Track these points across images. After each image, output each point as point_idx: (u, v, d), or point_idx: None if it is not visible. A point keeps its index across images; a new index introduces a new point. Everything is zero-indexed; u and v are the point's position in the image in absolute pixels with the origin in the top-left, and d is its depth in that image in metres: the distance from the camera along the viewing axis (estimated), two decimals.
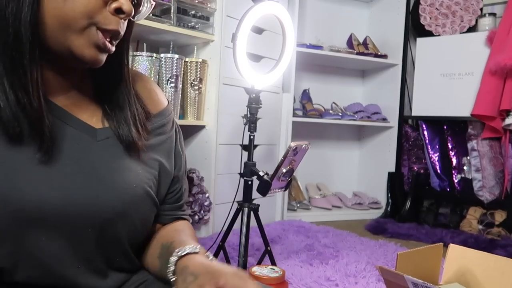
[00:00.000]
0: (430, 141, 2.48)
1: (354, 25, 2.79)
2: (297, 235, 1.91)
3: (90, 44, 0.52)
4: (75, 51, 0.51)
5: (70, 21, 0.49)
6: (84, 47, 0.51)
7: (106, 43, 0.53)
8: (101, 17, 0.51)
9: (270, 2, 1.35)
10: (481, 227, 2.14)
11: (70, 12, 0.49)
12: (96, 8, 0.50)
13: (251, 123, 1.39)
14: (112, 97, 0.60)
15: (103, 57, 0.54)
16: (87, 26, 0.51)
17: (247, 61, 1.34)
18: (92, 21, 0.51)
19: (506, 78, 2.08)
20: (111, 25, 0.52)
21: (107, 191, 0.55)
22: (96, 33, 0.51)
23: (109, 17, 0.52)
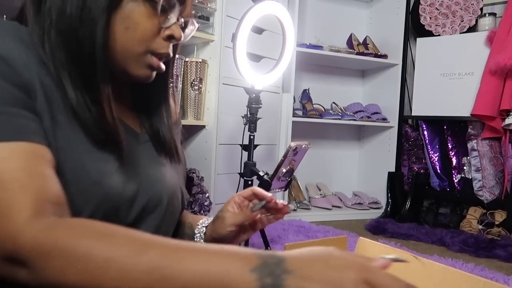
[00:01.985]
0: (430, 141, 2.48)
1: (354, 25, 2.79)
2: (297, 235, 1.91)
3: (145, 66, 0.58)
4: (131, 72, 0.57)
5: (129, 47, 0.55)
6: (139, 69, 0.58)
7: (160, 64, 0.59)
8: (155, 44, 0.57)
9: (270, 2, 1.35)
10: (481, 227, 2.14)
11: (130, 39, 0.54)
12: (152, 36, 0.56)
13: (251, 123, 1.39)
14: (151, 105, 0.66)
15: (154, 75, 0.60)
16: (144, 52, 0.56)
17: (247, 61, 1.35)
18: (147, 48, 0.56)
19: (506, 78, 2.08)
20: (163, 49, 0.58)
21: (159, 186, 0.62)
22: (150, 57, 0.57)
23: (162, 43, 0.57)
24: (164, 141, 0.66)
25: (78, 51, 0.52)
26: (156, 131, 0.66)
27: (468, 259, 1.72)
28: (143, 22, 0.54)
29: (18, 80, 0.47)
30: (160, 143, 0.66)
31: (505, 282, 1.41)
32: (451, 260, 1.64)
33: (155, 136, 0.66)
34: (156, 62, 0.58)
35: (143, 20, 0.54)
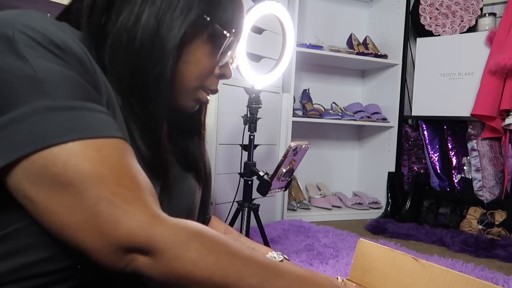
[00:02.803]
0: (430, 141, 2.48)
1: (354, 25, 2.79)
2: (297, 235, 1.91)
3: (194, 99, 0.61)
4: (180, 103, 0.60)
5: (186, 82, 0.57)
6: (189, 102, 0.60)
7: (208, 99, 0.63)
8: (209, 81, 0.60)
9: (270, 2, 1.35)
10: (481, 227, 2.14)
11: (189, 74, 0.56)
12: (208, 74, 0.59)
13: (251, 123, 1.39)
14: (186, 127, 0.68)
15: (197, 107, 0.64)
16: (197, 87, 0.59)
17: (247, 61, 1.34)
18: (201, 83, 0.59)
19: (506, 78, 2.08)
20: (214, 86, 0.62)
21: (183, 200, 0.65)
22: (201, 92, 0.60)
23: (214, 80, 0.61)
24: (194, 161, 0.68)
25: (143, 79, 0.52)
26: (186, 152, 0.67)
27: (468, 259, 1.72)
28: (204, 60, 0.57)
29: (91, 80, 0.46)
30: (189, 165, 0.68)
31: (505, 282, 1.41)
32: (451, 260, 1.64)
33: (184, 157, 0.67)
34: (205, 97, 0.61)
35: (204, 58, 0.57)
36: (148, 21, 0.51)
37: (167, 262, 0.41)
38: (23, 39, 0.42)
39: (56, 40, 0.44)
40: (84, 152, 0.41)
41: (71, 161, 0.40)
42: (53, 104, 0.41)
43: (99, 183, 0.41)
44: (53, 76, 0.42)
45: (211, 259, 0.43)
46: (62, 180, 0.40)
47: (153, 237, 0.41)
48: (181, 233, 0.43)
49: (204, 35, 0.55)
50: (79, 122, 0.42)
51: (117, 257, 0.41)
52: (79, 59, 0.45)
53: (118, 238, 0.40)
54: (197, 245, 0.43)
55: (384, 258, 0.71)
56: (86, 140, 0.41)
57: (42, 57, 0.42)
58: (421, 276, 0.63)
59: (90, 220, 0.40)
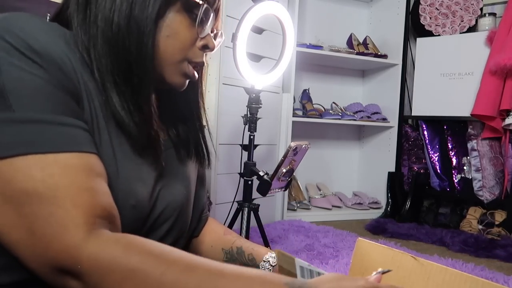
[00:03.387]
0: (430, 141, 2.48)
1: (354, 25, 2.79)
2: (297, 235, 1.91)
3: (181, 73, 0.60)
4: (167, 79, 0.59)
5: (169, 55, 0.57)
6: (175, 76, 0.60)
7: (194, 72, 0.62)
8: (192, 52, 0.60)
9: (270, 2, 1.35)
10: (481, 227, 2.14)
11: (170, 47, 0.56)
12: (190, 45, 0.59)
13: (251, 123, 1.39)
14: (183, 113, 0.68)
15: (187, 83, 0.63)
16: (181, 60, 0.59)
17: (247, 61, 1.35)
18: (185, 56, 0.59)
19: (506, 78, 2.08)
20: (199, 58, 0.61)
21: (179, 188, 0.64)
22: (187, 65, 0.60)
23: (197, 52, 0.61)
24: (195, 148, 0.69)
25: (125, 59, 0.53)
26: (185, 139, 0.68)
27: (468, 259, 1.72)
28: (183, 32, 0.57)
29: (69, 85, 0.47)
30: (188, 151, 0.68)
31: (505, 282, 1.41)
32: (451, 260, 1.64)
33: (183, 144, 0.67)
34: (191, 70, 0.61)
35: (183, 30, 0.57)
36: (121, 5, 0.52)
37: (95, 286, 0.41)
38: (2, 45, 0.43)
39: (34, 45, 0.45)
40: (29, 170, 0.41)
41: (15, 178, 0.41)
42: (11, 116, 0.42)
43: (37, 202, 0.41)
44: (20, 87, 0.43)
45: (136, 280, 0.41)
46: (4, 195, 0.41)
47: (79, 261, 0.41)
48: (107, 255, 0.41)
49: (177, 6, 0.56)
50: (32, 136, 0.42)
51: (53, 277, 0.42)
52: (57, 64, 0.46)
53: (49, 259, 0.41)
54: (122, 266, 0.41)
55: (383, 257, 0.71)
56: (34, 156, 0.42)
57: (16, 66, 0.43)
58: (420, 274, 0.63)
59: (27, 238, 0.41)
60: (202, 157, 0.71)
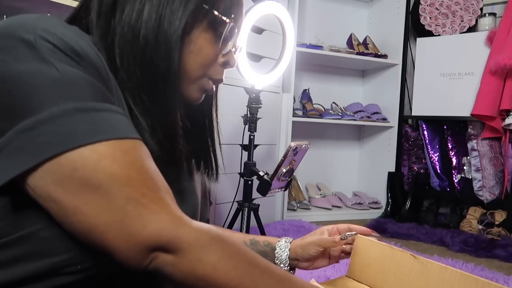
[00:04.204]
0: (430, 141, 2.48)
1: (354, 25, 2.79)
2: (297, 235, 1.91)
3: (199, 89, 0.60)
4: (186, 94, 0.59)
5: (190, 71, 0.57)
6: (194, 92, 0.60)
7: (213, 88, 0.62)
8: (213, 69, 0.59)
9: (270, 2, 1.35)
10: (481, 227, 2.14)
11: (192, 63, 0.56)
12: (211, 62, 0.59)
13: (251, 123, 1.40)
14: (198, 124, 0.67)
15: (203, 97, 0.63)
16: (201, 76, 0.59)
17: (247, 61, 1.35)
18: (205, 72, 0.59)
19: (506, 78, 2.08)
20: (219, 75, 0.61)
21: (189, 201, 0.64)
22: (207, 81, 0.60)
23: (218, 69, 0.60)
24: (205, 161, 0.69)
25: (152, 74, 0.52)
26: (195, 151, 0.67)
27: (468, 259, 1.72)
28: (206, 48, 0.57)
29: (107, 88, 0.47)
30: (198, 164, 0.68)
31: (505, 282, 1.41)
32: (451, 260, 1.64)
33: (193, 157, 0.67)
34: (211, 85, 0.61)
35: (207, 46, 0.57)
36: (150, 17, 0.51)
37: (189, 263, 0.43)
38: (45, 45, 0.43)
39: (75, 47, 0.44)
40: (113, 154, 0.42)
41: (101, 164, 0.41)
42: (82, 105, 0.42)
43: (128, 184, 0.42)
44: (78, 79, 0.43)
45: (231, 265, 0.45)
46: (91, 182, 0.41)
47: (179, 238, 0.42)
48: (204, 236, 0.44)
49: (204, 23, 0.56)
50: (106, 123, 0.43)
51: (141, 256, 0.42)
52: (95, 66, 0.46)
53: (145, 238, 0.41)
54: (219, 250, 0.44)
55: (382, 254, 0.71)
56: (115, 141, 0.42)
57: (65, 62, 0.43)
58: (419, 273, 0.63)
59: (118, 220, 0.41)
60: (210, 170, 0.70)
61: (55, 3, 1.25)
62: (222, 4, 0.57)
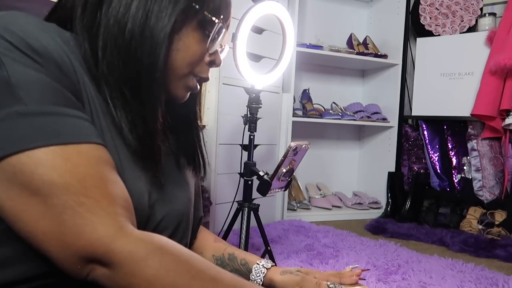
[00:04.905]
0: (430, 141, 2.48)
1: (354, 25, 2.79)
2: (297, 235, 1.91)
3: (184, 87, 0.60)
4: (171, 91, 0.59)
5: (177, 68, 0.57)
6: (179, 89, 0.60)
7: (197, 86, 0.62)
8: (199, 68, 0.60)
9: (270, 2, 1.34)
10: (481, 227, 2.14)
11: (179, 61, 0.56)
12: (198, 60, 0.59)
13: (251, 123, 1.39)
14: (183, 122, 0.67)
15: (188, 95, 0.63)
16: (187, 74, 0.59)
17: (247, 61, 1.34)
18: (192, 70, 0.59)
19: (506, 78, 2.08)
20: (204, 73, 0.61)
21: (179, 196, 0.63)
22: (192, 79, 0.60)
23: (204, 67, 0.61)
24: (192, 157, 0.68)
25: (135, 69, 0.52)
26: (183, 147, 0.67)
27: (468, 259, 1.72)
28: (194, 47, 0.57)
29: (69, 84, 0.46)
30: (187, 159, 0.68)
31: (505, 282, 1.41)
32: (451, 260, 1.64)
33: (182, 152, 0.67)
34: (195, 83, 0.61)
35: (194, 45, 0.57)
36: (137, 11, 0.51)
37: (124, 277, 0.42)
38: (2, 44, 0.43)
39: (34, 45, 0.44)
40: (52, 161, 0.41)
41: (38, 170, 0.40)
42: (25, 109, 0.41)
43: (66, 193, 0.41)
44: (27, 81, 0.42)
45: (168, 280, 0.43)
46: (30, 188, 0.41)
47: (112, 251, 0.41)
48: (142, 249, 0.42)
49: (194, 23, 0.56)
50: (50, 128, 0.42)
51: (78, 266, 0.42)
52: (57, 63, 0.45)
53: (79, 248, 0.41)
54: (156, 264, 0.43)
55: None
56: (55, 147, 0.41)
57: (19, 62, 0.43)
58: None
59: (55, 229, 0.41)
60: (198, 166, 0.70)
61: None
62: (212, 4, 0.57)
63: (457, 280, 1.40)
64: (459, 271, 1.52)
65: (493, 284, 1.39)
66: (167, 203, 0.59)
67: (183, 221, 0.63)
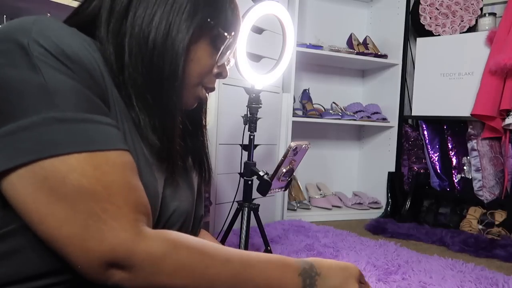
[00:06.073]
0: (430, 141, 2.48)
1: (354, 25, 2.79)
2: (297, 235, 1.91)
3: (194, 97, 0.64)
4: (183, 99, 0.61)
5: (189, 79, 0.60)
6: (189, 99, 0.64)
7: (206, 97, 0.66)
8: (208, 79, 0.64)
9: (270, 2, 1.34)
10: (481, 227, 2.14)
11: (191, 71, 0.59)
12: (207, 72, 0.63)
13: (251, 123, 1.39)
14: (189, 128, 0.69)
15: (196, 104, 0.67)
16: (197, 84, 0.62)
17: (247, 61, 1.34)
18: (201, 81, 0.63)
19: (506, 78, 2.08)
20: (212, 84, 0.65)
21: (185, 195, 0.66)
22: (201, 89, 0.64)
23: (212, 79, 0.65)
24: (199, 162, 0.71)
25: (157, 77, 0.55)
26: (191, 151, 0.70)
27: (468, 259, 1.72)
28: (205, 59, 0.61)
29: (99, 91, 0.48)
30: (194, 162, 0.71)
31: (505, 282, 1.41)
32: (451, 260, 1.64)
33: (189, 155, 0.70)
34: (205, 94, 0.65)
35: (206, 57, 0.61)
36: (160, 22, 0.54)
37: (145, 277, 0.45)
38: (37, 49, 0.44)
39: (68, 51, 0.46)
40: (83, 168, 0.43)
41: (70, 176, 0.42)
42: (61, 115, 0.43)
43: (92, 199, 0.43)
44: (63, 88, 0.44)
45: (185, 274, 0.46)
46: (59, 193, 0.42)
47: (133, 255, 0.43)
48: (159, 248, 0.45)
49: (207, 36, 0.59)
50: (84, 135, 0.44)
51: (100, 271, 0.43)
52: (88, 70, 0.47)
53: (101, 253, 0.42)
54: (174, 260, 0.46)
55: None
56: (87, 154, 0.43)
57: (54, 68, 0.44)
58: None
59: (79, 234, 0.42)
60: (204, 171, 0.73)
61: (55, 3, 1.25)
62: (224, 20, 0.61)
63: (457, 280, 1.40)
64: (459, 271, 1.52)
65: (493, 284, 1.39)
66: (175, 200, 0.62)
67: (188, 219, 0.66)
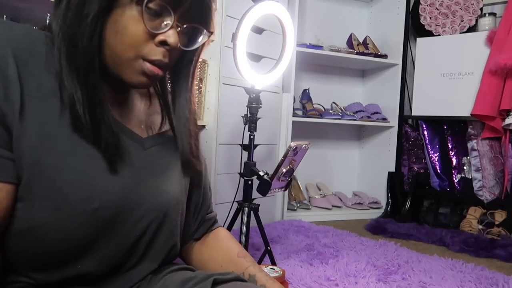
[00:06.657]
0: (430, 141, 2.48)
1: (354, 25, 2.79)
2: (297, 235, 1.91)
3: (138, 72, 0.56)
4: (125, 78, 0.56)
5: (119, 52, 0.54)
6: (133, 75, 0.56)
7: (154, 70, 0.57)
8: (146, 50, 0.55)
9: (270, 2, 1.34)
10: (481, 227, 2.14)
11: (119, 44, 0.54)
12: (141, 42, 0.54)
13: (251, 123, 1.39)
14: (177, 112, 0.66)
15: (152, 82, 0.59)
16: (134, 58, 0.55)
17: (247, 61, 1.34)
18: (138, 53, 0.55)
19: (506, 78, 2.08)
20: (155, 55, 0.56)
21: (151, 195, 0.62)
22: (142, 63, 0.56)
23: (154, 49, 0.55)
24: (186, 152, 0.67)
25: (78, 54, 0.53)
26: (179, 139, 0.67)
27: (468, 259, 1.72)
28: (131, 27, 0.53)
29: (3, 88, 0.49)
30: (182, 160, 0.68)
31: (505, 282, 1.41)
32: (451, 260, 1.64)
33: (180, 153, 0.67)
34: (150, 68, 0.56)
35: (131, 25, 0.53)
36: None
37: None
38: None
39: None
40: None
41: None
42: None
43: None
44: None
45: None
46: None
47: None
48: None
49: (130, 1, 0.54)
50: None
51: None
52: None
53: None
54: None
55: None
56: None
57: None
58: None
59: None
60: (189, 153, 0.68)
61: None
62: None
63: (457, 280, 1.40)
64: (459, 271, 1.52)
65: (493, 284, 1.39)
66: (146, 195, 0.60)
67: (168, 216, 0.64)
